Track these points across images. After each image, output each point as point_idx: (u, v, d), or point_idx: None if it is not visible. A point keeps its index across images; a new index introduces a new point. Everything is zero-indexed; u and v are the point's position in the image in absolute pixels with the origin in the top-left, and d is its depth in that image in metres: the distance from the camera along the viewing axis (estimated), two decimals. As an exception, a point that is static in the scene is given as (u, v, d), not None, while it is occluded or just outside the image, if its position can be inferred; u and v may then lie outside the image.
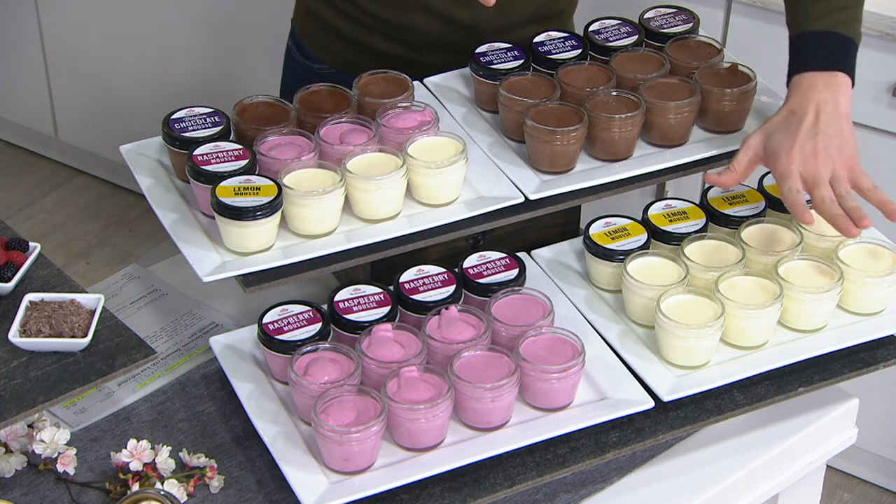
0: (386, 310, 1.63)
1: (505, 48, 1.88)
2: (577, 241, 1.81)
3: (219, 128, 1.73)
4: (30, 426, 1.60)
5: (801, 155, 1.64)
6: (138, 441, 1.56)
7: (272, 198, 1.61)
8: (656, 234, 1.75)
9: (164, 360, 1.73)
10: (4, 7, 3.62)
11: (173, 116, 1.74)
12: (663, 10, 1.96)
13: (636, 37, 1.90)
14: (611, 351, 1.65)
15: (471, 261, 1.71)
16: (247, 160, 1.67)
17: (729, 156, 1.81)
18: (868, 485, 3.00)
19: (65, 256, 3.56)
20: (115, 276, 1.88)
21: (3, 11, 3.63)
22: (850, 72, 1.70)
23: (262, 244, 1.61)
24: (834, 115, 1.66)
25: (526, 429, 1.56)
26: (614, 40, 1.89)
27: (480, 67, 1.85)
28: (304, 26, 2.02)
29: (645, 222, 1.76)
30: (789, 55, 1.73)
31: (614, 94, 1.78)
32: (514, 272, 1.70)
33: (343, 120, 1.74)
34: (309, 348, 1.58)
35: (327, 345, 1.58)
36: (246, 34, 3.24)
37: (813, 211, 1.65)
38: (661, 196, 1.92)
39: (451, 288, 1.67)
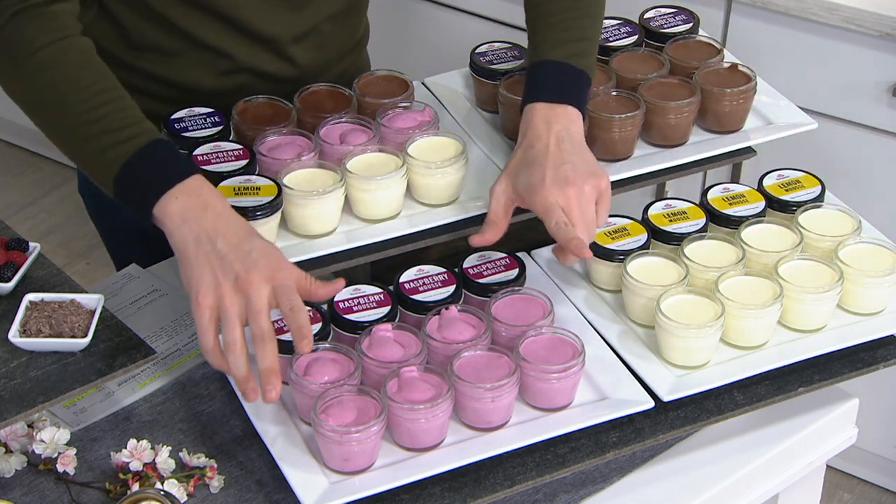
0: (386, 310, 1.63)
1: (505, 48, 1.88)
2: (577, 241, 1.81)
3: (219, 128, 1.73)
4: (30, 426, 1.60)
5: (556, 185, 1.58)
6: (138, 441, 1.56)
7: (272, 198, 1.61)
8: (656, 234, 1.75)
9: (164, 360, 1.73)
10: (4, 7, 3.62)
11: (173, 116, 1.74)
12: (663, 10, 1.96)
13: (636, 37, 1.91)
14: (611, 351, 1.65)
15: (471, 261, 1.71)
16: (247, 160, 1.67)
17: (729, 156, 1.81)
18: (868, 485, 3.00)
19: (65, 256, 3.56)
20: (115, 276, 1.88)
21: (3, 11, 3.63)
22: (581, 106, 1.66)
23: (262, 244, 1.61)
24: (572, 143, 1.62)
25: (526, 429, 1.56)
26: (614, 40, 1.89)
27: (480, 67, 1.85)
28: None
29: (645, 222, 1.76)
30: (525, 84, 1.69)
31: (614, 93, 1.78)
32: (514, 272, 1.70)
33: (343, 120, 1.74)
34: (309, 348, 1.58)
35: (327, 345, 1.58)
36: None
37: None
38: (661, 196, 1.92)
39: (451, 288, 1.67)
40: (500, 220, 1.63)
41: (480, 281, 1.69)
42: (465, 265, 1.71)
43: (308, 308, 1.63)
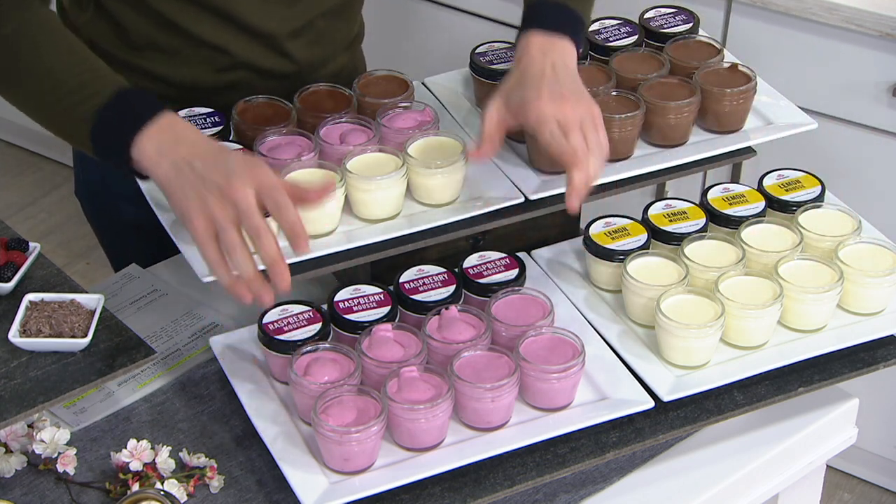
0: (386, 310, 1.63)
1: (505, 48, 1.88)
2: (577, 241, 1.81)
3: (219, 128, 1.73)
4: (30, 426, 1.60)
5: (552, 100, 1.60)
6: (138, 441, 1.56)
7: (272, 198, 1.61)
8: (656, 234, 1.75)
9: (164, 360, 1.73)
10: (4, 7, 3.62)
11: (173, 116, 1.74)
12: (663, 10, 1.96)
13: (636, 37, 1.90)
14: (611, 351, 1.65)
15: (471, 261, 1.71)
16: (247, 160, 1.67)
17: (729, 156, 1.81)
18: (868, 485, 3.00)
19: (65, 256, 3.56)
20: (115, 276, 1.88)
21: (3, 11, 3.63)
22: (577, 41, 1.69)
23: (262, 244, 1.61)
24: (567, 71, 1.65)
25: (526, 429, 1.56)
26: (614, 40, 1.89)
27: (480, 67, 1.84)
28: None
29: (645, 222, 1.76)
30: (521, 22, 1.72)
31: (614, 94, 1.78)
32: (514, 272, 1.70)
33: (343, 120, 1.74)
34: (309, 348, 1.58)
35: (327, 345, 1.58)
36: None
37: None
38: (661, 196, 1.92)
39: (451, 288, 1.67)
40: (494, 136, 1.64)
41: (480, 281, 1.69)
42: (465, 265, 1.71)
43: (308, 307, 1.63)
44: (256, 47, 1.82)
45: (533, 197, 1.69)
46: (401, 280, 1.67)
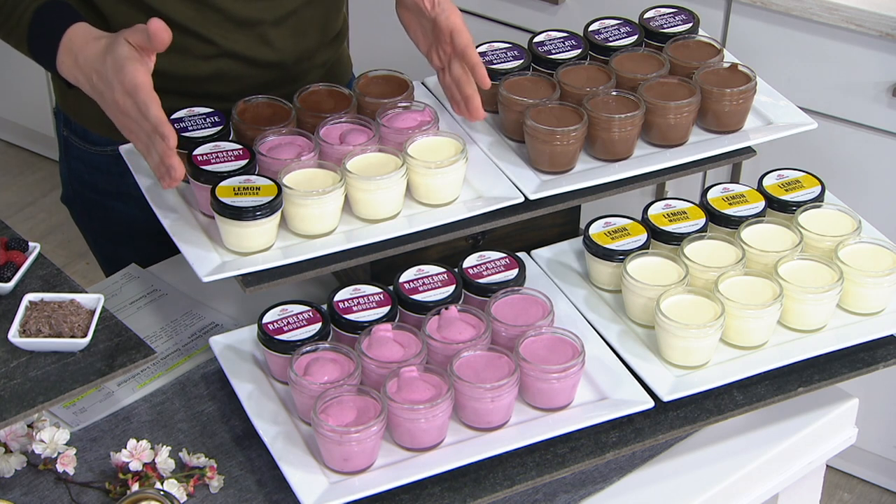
0: (386, 310, 1.63)
1: (505, 48, 1.88)
2: (577, 241, 1.81)
3: (219, 128, 1.73)
4: (30, 426, 1.60)
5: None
6: (138, 441, 1.56)
7: (272, 198, 1.61)
8: (656, 234, 1.75)
9: (164, 360, 1.73)
10: (4, 7, 3.62)
11: (173, 116, 1.74)
12: (663, 10, 1.96)
13: (636, 37, 1.91)
14: (611, 351, 1.65)
15: (471, 261, 1.71)
16: (247, 160, 1.67)
17: (729, 156, 1.81)
18: (868, 485, 3.00)
19: (65, 256, 3.56)
20: (115, 276, 1.88)
21: (3, 11, 3.63)
22: None
23: (261, 244, 1.61)
24: None
25: (526, 429, 1.56)
26: (614, 40, 1.89)
27: (480, 67, 1.84)
28: (83, 109, 1.91)
29: (645, 222, 1.76)
30: None
31: (614, 94, 1.78)
32: (514, 272, 1.70)
33: (343, 120, 1.74)
34: (309, 348, 1.58)
35: (327, 345, 1.58)
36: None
37: None
38: (661, 196, 1.92)
39: (451, 288, 1.67)
40: (461, 89, 1.72)
41: (480, 281, 1.69)
42: (464, 265, 1.71)
43: (308, 307, 1.63)
44: (240, 35, 1.83)
45: (533, 197, 1.69)
46: (401, 280, 1.67)
